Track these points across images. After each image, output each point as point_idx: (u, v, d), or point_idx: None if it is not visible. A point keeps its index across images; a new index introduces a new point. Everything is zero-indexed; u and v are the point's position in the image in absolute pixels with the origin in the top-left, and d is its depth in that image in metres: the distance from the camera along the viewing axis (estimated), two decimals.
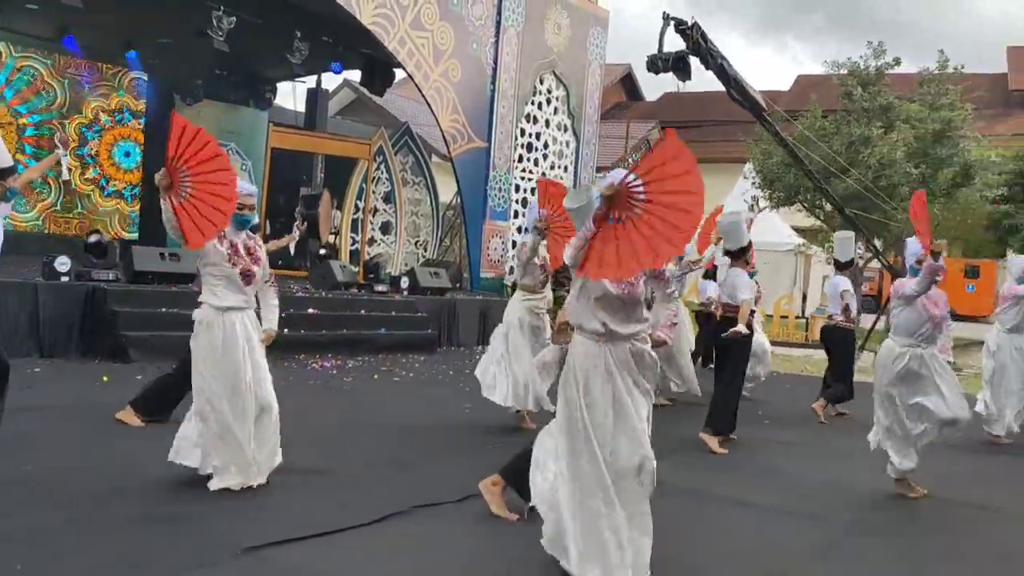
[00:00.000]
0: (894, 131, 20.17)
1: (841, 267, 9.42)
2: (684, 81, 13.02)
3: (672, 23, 12.14)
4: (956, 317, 17.40)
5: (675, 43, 12.55)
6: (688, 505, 5.34)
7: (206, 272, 4.94)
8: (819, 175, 20.92)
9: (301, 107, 18.66)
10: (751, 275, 8.79)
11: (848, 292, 8.94)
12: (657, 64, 12.37)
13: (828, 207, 22.36)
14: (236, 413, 4.84)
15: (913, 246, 5.93)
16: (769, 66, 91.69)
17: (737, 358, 7.20)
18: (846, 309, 8.90)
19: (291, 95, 18.59)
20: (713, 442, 6.93)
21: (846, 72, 21.80)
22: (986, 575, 4.56)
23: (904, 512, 5.56)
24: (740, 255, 7.27)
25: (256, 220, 5.29)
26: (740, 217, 7.58)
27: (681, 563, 4.31)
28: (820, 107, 22.12)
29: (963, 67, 22.02)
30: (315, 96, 18.27)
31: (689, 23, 12.26)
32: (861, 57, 21.70)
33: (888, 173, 19.35)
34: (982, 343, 8.88)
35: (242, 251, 4.97)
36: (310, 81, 18.27)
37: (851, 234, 9.78)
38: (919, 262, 5.76)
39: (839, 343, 9.13)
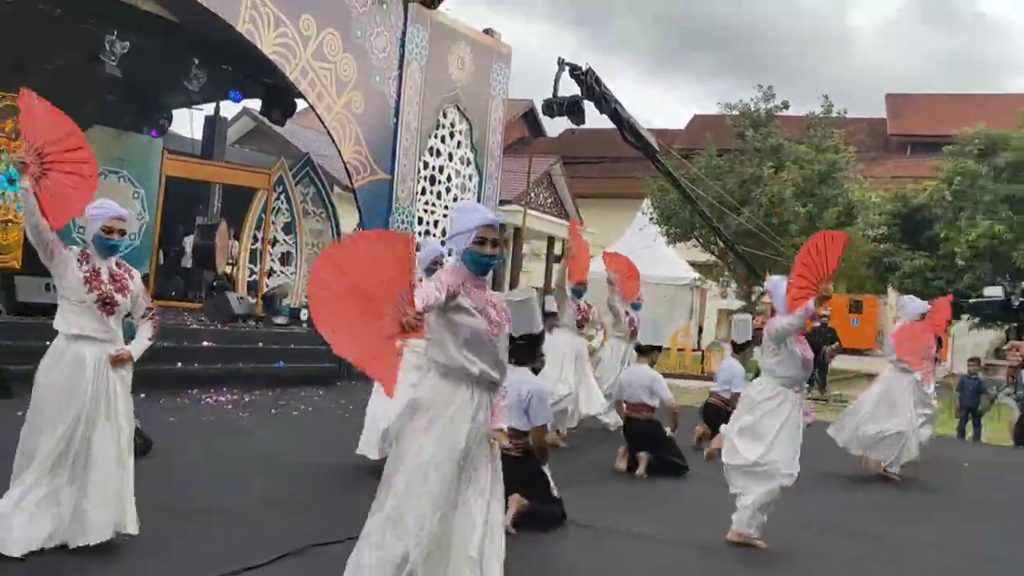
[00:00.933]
0: (784, 171, 21.04)
1: (738, 349, 9.42)
2: (578, 125, 13.29)
3: (567, 68, 12.41)
4: (842, 350, 18.17)
5: (572, 87, 12.83)
6: (585, 536, 5.39)
7: (62, 296, 4.50)
8: (714, 213, 21.67)
9: (198, 135, 18.25)
10: (635, 306, 9.22)
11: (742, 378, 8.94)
12: (552, 108, 12.62)
13: (723, 243, 23.15)
14: (59, 459, 4.32)
15: (781, 286, 5.63)
16: (664, 106, 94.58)
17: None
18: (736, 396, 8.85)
19: (188, 123, 18.06)
20: None
21: (739, 113, 22.68)
22: None
23: (798, 542, 5.73)
24: None
25: (126, 246, 5.05)
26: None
27: None
28: (715, 146, 22.92)
29: (846, 112, 23.19)
30: (213, 124, 17.90)
31: (583, 68, 12.55)
32: (752, 99, 22.64)
33: (779, 211, 20.15)
34: (867, 375, 9.25)
35: (105, 277, 4.51)
36: (208, 109, 17.90)
37: (748, 317, 9.86)
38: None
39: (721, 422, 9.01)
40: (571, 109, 12.54)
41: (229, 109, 20.80)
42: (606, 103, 12.82)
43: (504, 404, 3.75)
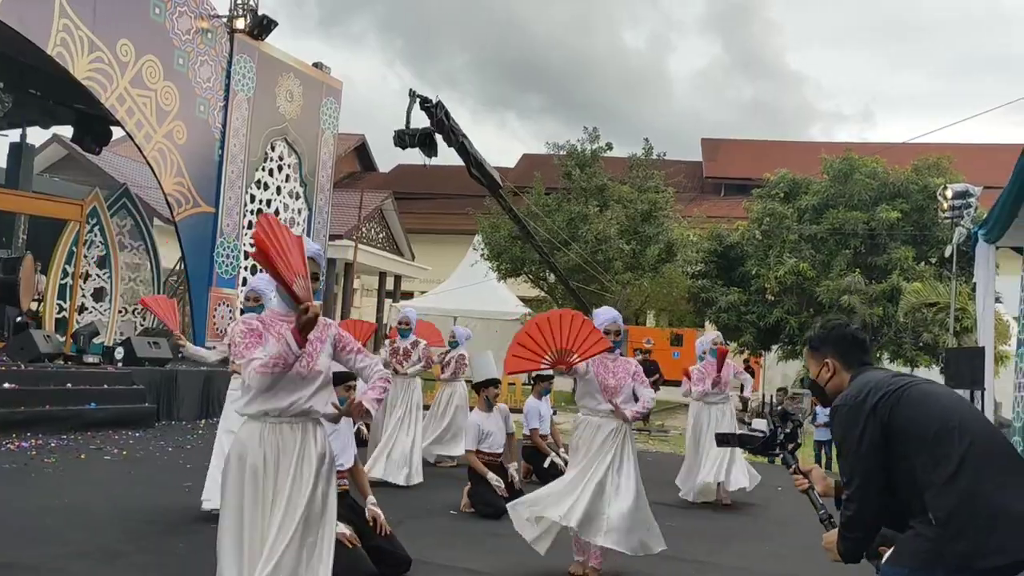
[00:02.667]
0: (608, 210, 21.88)
1: (533, 384, 9.55)
2: (430, 157, 13.29)
3: (418, 100, 12.47)
4: (665, 382, 18.94)
5: (422, 120, 12.87)
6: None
7: None
8: (545, 248, 22.23)
9: (2, 162, 17.03)
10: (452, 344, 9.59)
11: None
12: (404, 139, 12.59)
13: (552, 278, 23.74)
14: None
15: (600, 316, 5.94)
16: (494, 143, 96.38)
17: None
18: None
19: None
20: None
21: (565, 153, 23.45)
22: None
23: (626, 566, 5.90)
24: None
25: None
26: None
27: None
28: (543, 184, 23.55)
29: (665, 154, 24.43)
30: (18, 151, 16.77)
31: (434, 101, 12.65)
32: (579, 140, 23.47)
33: (604, 248, 20.90)
34: (686, 405, 9.68)
35: None
36: (13, 135, 16.75)
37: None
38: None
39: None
40: (423, 141, 12.56)
41: (37, 136, 19.58)
42: (454, 136, 12.94)
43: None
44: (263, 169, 16.62)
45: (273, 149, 16.86)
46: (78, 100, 13.78)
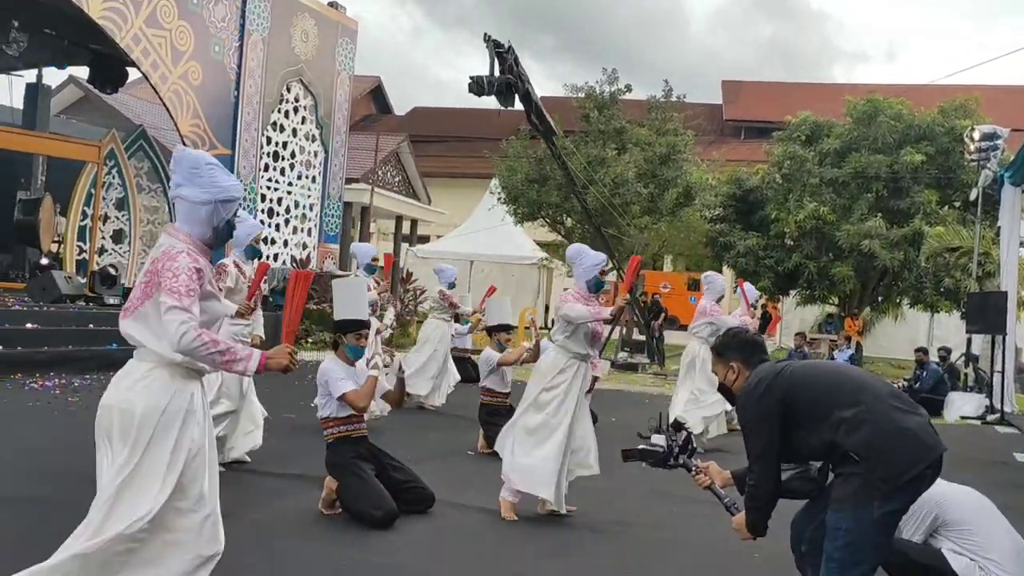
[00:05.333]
0: (626, 153, 21.64)
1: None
2: (504, 107, 13.09)
3: (492, 43, 12.27)
4: (681, 326, 18.92)
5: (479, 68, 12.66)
6: (431, 514, 5.42)
7: None
8: (561, 193, 22.07)
9: (19, 103, 17.01)
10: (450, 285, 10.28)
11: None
12: (483, 87, 12.37)
13: (569, 222, 23.60)
14: None
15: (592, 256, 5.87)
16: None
17: None
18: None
19: (6, 90, 16.78)
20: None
21: (584, 96, 23.13)
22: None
23: (638, 510, 5.94)
24: None
25: None
26: None
27: (425, 572, 4.37)
28: (561, 127, 23.27)
29: (684, 96, 24.05)
30: (35, 92, 16.72)
31: (506, 46, 12.44)
32: (597, 82, 23.13)
33: (622, 192, 20.72)
34: None
35: None
36: (29, 76, 16.70)
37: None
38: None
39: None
40: (501, 90, 12.37)
41: (53, 77, 19.51)
42: (521, 82, 12.76)
43: None
44: (279, 111, 16.52)
45: (289, 90, 16.73)
46: (94, 40, 13.68)
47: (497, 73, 12.51)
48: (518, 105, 13.18)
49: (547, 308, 27.15)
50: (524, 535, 5.18)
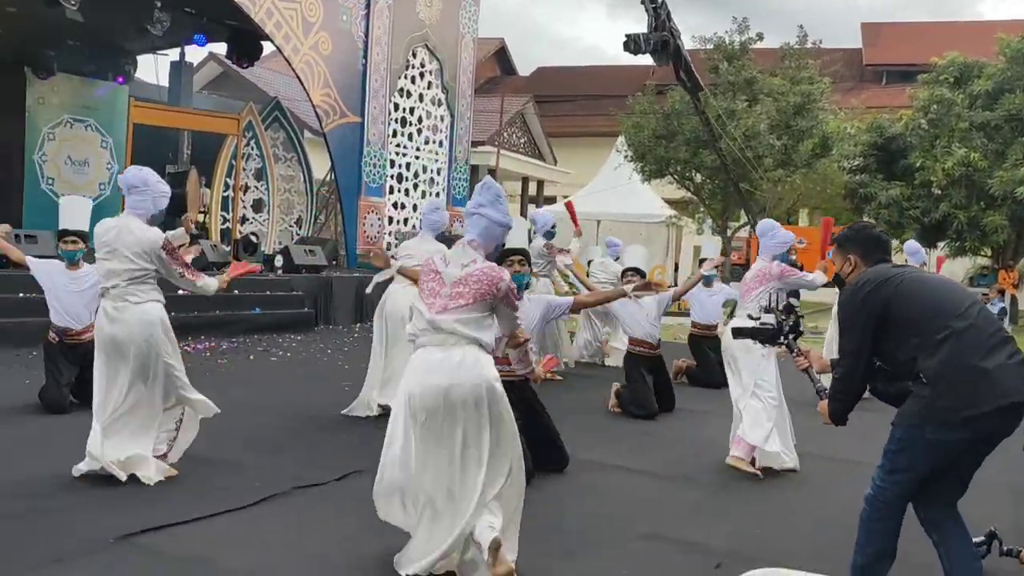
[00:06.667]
0: (758, 104, 20.92)
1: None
2: (659, 65, 12.99)
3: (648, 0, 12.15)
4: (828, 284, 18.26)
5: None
6: (565, 472, 5.44)
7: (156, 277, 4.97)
8: (689, 148, 21.57)
9: (164, 81, 17.86)
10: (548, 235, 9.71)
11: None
12: (640, 44, 12.28)
13: (699, 178, 23.07)
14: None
15: (783, 234, 6.12)
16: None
17: None
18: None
19: (153, 69, 17.64)
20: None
21: (712, 47, 22.46)
22: (828, 523, 4.83)
23: (767, 473, 5.81)
24: None
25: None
26: None
27: (559, 528, 4.40)
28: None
29: (820, 42, 23.02)
30: (179, 70, 17.51)
31: (659, 1, 12.29)
32: (727, 32, 22.40)
33: (753, 144, 20.08)
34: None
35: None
36: (173, 54, 17.48)
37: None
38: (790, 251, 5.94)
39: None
40: (656, 48, 12.26)
41: (195, 54, 20.39)
42: (673, 38, 12.60)
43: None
44: (405, 77, 16.73)
45: (415, 56, 16.91)
46: (231, 16, 14.17)
47: (647, 31, 12.33)
48: (644, 59, 12.89)
49: (676, 267, 26.71)
50: (659, 495, 5.14)
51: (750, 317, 4.71)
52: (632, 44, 12.32)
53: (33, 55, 14.57)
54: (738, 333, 4.39)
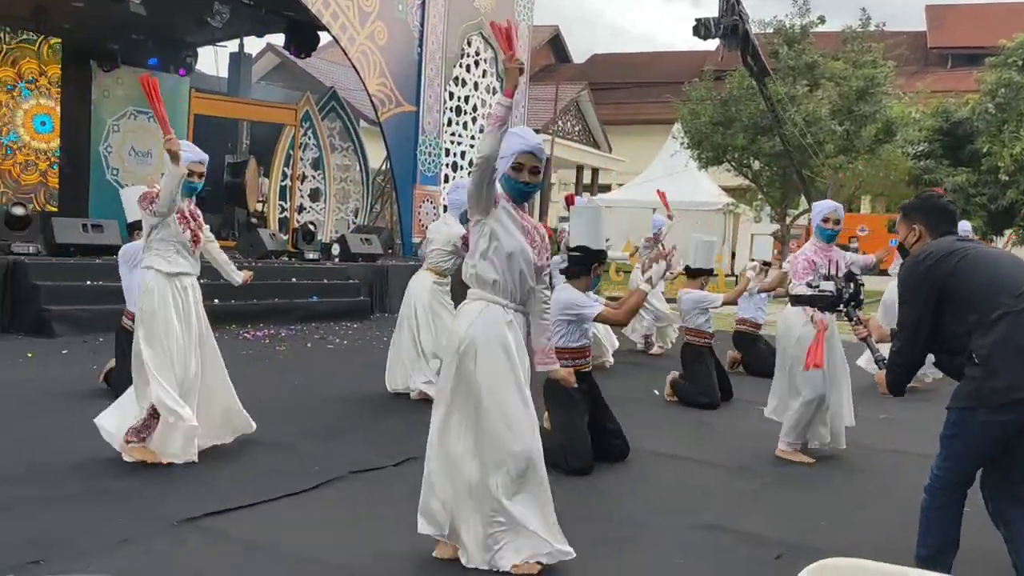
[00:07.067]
0: (819, 89, 20.52)
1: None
2: (729, 50, 12.88)
3: None
4: (881, 271, 17.89)
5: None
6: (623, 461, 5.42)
7: (159, 240, 4.91)
8: (748, 135, 21.25)
9: (224, 72, 18.14)
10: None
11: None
12: (711, 28, 12.22)
13: (756, 165, 22.74)
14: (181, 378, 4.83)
15: (817, 206, 5.78)
16: (689, 22, 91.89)
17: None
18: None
19: (213, 60, 17.94)
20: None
21: (772, 31, 22.09)
22: (890, 515, 4.72)
23: (824, 462, 5.71)
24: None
25: (202, 188, 5.32)
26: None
27: (616, 516, 4.38)
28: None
29: (884, 25, 22.48)
30: (238, 61, 17.78)
31: None
32: (787, 16, 22.00)
33: (813, 130, 19.71)
34: None
35: (188, 216, 5.06)
36: (232, 46, 17.75)
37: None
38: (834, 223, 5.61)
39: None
40: (726, 32, 12.19)
41: (253, 45, 20.68)
42: (742, 21, 12.52)
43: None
44: (460, 65, 16.75)
45: (469, 44, 16.91)
46: (288, 8, 14.33)
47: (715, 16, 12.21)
48: (699, 45, 12.73)
49: (733, 255, 26.40)
50: (717, 484, 5.09)
51: (809, 285, 4.60)
52: (702, 28, 12.22)
53: (98, 48, 14.91)
54: (797, 300, 4.46)
